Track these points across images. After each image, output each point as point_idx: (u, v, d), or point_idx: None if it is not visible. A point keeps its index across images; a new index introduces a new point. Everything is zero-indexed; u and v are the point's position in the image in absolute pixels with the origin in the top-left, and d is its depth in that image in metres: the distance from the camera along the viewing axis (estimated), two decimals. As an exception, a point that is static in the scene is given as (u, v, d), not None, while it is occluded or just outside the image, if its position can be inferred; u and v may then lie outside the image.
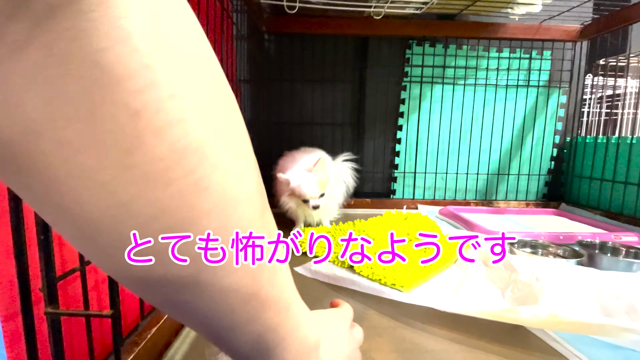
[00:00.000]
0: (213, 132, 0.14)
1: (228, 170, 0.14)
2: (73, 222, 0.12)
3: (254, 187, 0.16)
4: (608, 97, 1.24)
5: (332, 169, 0.88)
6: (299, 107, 1.26)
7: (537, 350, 0.42)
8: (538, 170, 1.31)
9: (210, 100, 0.14)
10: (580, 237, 0.82)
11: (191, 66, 0.13)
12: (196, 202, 0.13)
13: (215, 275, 0.15)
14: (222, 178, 0.14)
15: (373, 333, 0.45)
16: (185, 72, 0.13)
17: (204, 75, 0.14)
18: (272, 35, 1.22)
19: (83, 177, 0.11)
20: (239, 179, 0.15)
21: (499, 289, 0.55)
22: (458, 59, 1.24)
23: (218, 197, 0.14)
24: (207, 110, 0.14)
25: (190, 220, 0.13)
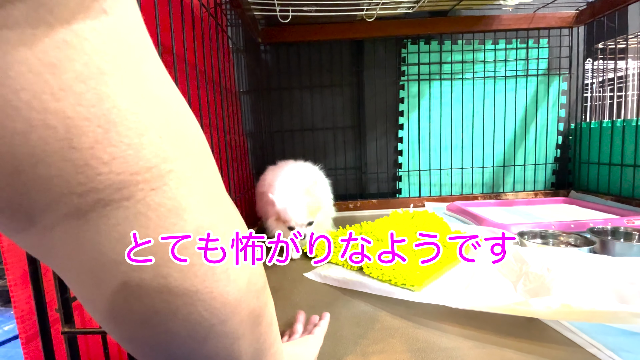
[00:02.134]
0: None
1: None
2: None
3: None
4: (610, 81, 1.23)
5: (325, 193, 0.79)
6: (299, 113, 1.28)
7: (553, 342, 0.42)
8: (544, 159, 1.29)
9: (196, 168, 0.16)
10: (592, 224, 0.81)
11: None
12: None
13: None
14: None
15: (385, 334, 0.45)
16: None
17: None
18: (268, 46, 1.24)
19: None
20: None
21: (511, 282, 0.55)
22: (454, 54, 1.24)
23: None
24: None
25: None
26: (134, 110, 0.13)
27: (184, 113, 0.16)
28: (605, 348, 0.39)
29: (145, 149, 0.13)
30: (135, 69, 0.13)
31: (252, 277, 0.18)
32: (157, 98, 0.14)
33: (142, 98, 0.13)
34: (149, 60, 0.14)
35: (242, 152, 0.97)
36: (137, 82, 0.13)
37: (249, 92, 1.13)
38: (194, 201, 0.15)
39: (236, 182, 0.84)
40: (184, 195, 0.14)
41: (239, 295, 0.17)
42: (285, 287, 0.61)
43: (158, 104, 0.14)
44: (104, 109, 0.12)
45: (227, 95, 0.81)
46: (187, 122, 0.16)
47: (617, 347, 0.39)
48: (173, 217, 0.14)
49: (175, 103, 0.15)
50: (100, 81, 0.12)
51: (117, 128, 0.12)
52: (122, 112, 0.12)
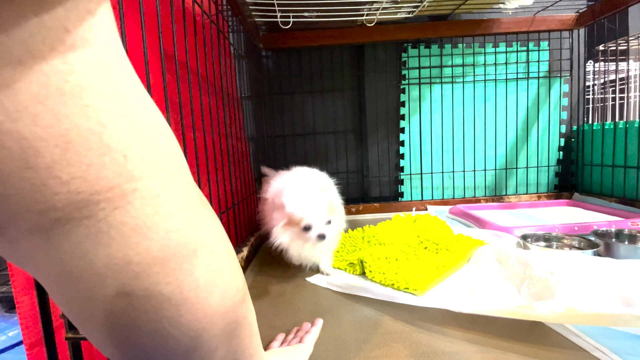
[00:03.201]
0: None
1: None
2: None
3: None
4: (612, 82, 1.23)
5: (337, 198, 0.69)
6: (300, 118, 1.28)
7: (557, 346, 0.41)
8: (547, 161, 1.29)
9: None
10: (596, 226, 0.80)
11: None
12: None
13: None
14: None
15: (389, 339, 0.45)
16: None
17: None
18: (269, 51, 1.25)
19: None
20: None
21: (514, 286, 0.54)
22: (454, 58, 1.24)
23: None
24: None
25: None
26: (96, 130, 0.13)
27: (158, 129, 0.15)
28: (610, 352, 0.39)
29: (107, 169, 0.13)
30: (102, 89, 0.13)
31: (227, 293, 0.18)
32: (127, 117, 0.14)
33: (107, 118, 0.13)
34: (121, 80, 0.14)
35: (244, 157, 0.97)
36: (102, 102, 0.13)
37: (251, 97, 1.13)
38: (160, 219, 0.15)
39: (238, 188, 0.85)
40: (149, 214, 0.14)
41: (211, 311, 0.17)
42: (288, 292, 0.61)
43: (127, 123, 0.14)
44: (62, 129, 0.12)
45: (229, 101, 0.81)
46: (160, 138, 0.15)
47: (622, 351, 0.39)
48: (136, 236, 0.14)
49: (149, 121, 0.15)
50: (59, 102, 0.12)
51: (77, 148, 0.12)
52: (82, 132, 0.12)
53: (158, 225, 0.15)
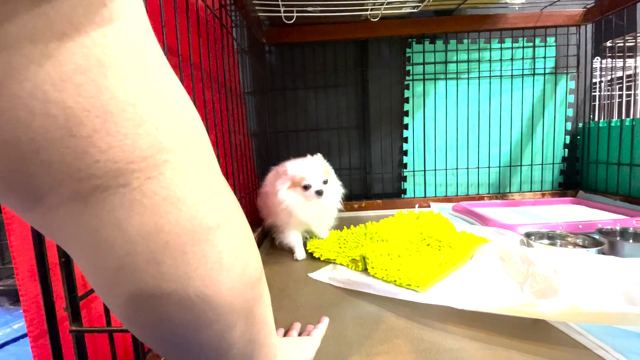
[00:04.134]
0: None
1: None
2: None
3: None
4: (619, 79, 1.21)
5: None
6: (303, 114, 1.28)
7: (560, 344, 0.41)
8: (552, 159, 1.28)
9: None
10: (600, 224, 0.80)
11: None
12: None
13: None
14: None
15: (390, 335, 0.45)
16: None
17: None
18: (272, 47, 1.24)
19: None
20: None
21: (517, 283, 0.54)
22: (459, 54, 1.23)
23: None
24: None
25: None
26: (131, 102, 0.13)
27: (185, 107, 0.16)
28: (613, 350, 0.39)
29: (141, 139, 0.13)
30: (136, 64, 0.14)
31: (247, 269, 0.18)
32: (158, 92, 0.14)
33: (140, 91, 0.14)
34: (151, 56, 0.14)
35: (247, 153, 0.97)
36: (136, 76, 0.13)
37: (254, 92, 1.13)
38: (188, 191, 0.15)
39: (241, 183, 0.85)
40: (179, 185, 0.15)
41: (232, 285, 0.17)
42: (290, 288, 0.62)
43: (158, 97, 0.14)
44: (102, 100, 0.12)
45: (232, 96, 0.81)
46: (187, 115, 0.16)
47: (625, 349, 0.39)
48: (167, 205, 0.15)
49: (177, 97, 0.16)
50: (99, 73, 0.12)
51: (115, 119, 0.13)
52: (120, 104, 0.13)
53: (186, 197, 0.15)
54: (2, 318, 0.79)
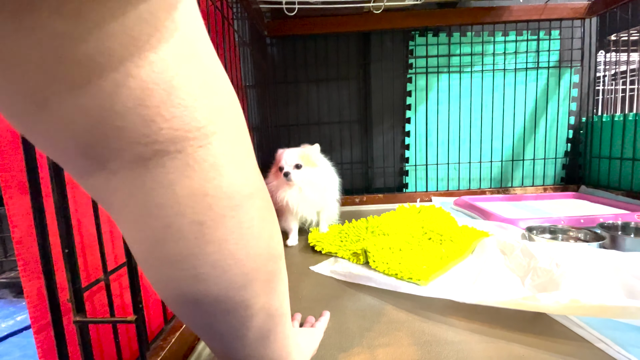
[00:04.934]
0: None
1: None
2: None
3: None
4: (622, 73, 1.20)
5: (323, 161, 0.88)
6: (305, 107, 1.27)
7: (561, 337, 0.41)
8: (554, 153, 1.27)
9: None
10: (602, 219, 0.80)
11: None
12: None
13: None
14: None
15: (391, 328, 0.45)
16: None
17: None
18: (274, 39, 1.23)
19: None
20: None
21: (519, 277, 0.54)
22: (463, 47, 1.22)
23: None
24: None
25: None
26: (191, 78, 0.15)
27: (227, 87, 0.19)
28: (613, 343, 0.39)
29: (197, 112, 0.16)
30: (193, 45, 0.16)
31: (271, 241, 0.20)
32: (210, 72, 0.17)
33: (197, 70, 0.16)
34: (203, 41, 0.17)
35: (249, 146, 0.97)
36: (193, 56, 0.16)
37: (255, 85, 1.12)
38: (229, 161, 0.17)
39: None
40: (222, 154, 0.17)
41: (259, 252, 0.19)
42: (292, 281, 0.62)
43: (210, 77, 0.17)
44: (169, 76, 0.14)
45: (234, 89, 0.81)
46: (230, 95, 0.19)
47: (626, 343, 0.39)
48: (212, 171, 0.17)
49: (222, 78, 0.18)
50: (168, 53, 0.14)
51: (177, 92, 0.15)
52: (182, 80, 0.15)
53: (228, 165, 0.17)
54: (6, 310, 0.80)
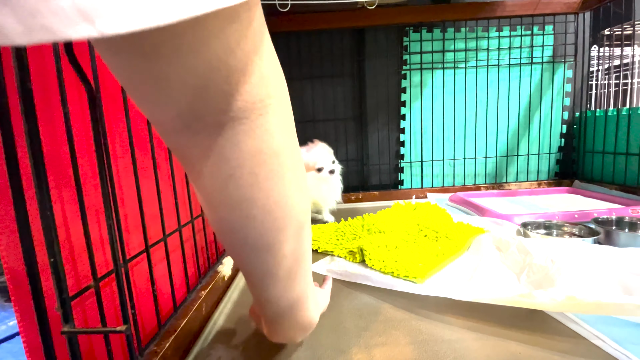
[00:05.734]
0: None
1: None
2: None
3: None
4: (616, 68, 1.21)
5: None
6: (299, 105, 1.26)
7: (557, 334, 0.41)
8: (548, 148, 1.28)
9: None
10: (596, 214, 0.80)
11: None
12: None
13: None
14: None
15: (388, 326, 0.45)
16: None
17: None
18: (267, 36, 1.22)
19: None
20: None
21: (514, 274, 0.54)
22: (457, 42, 1.21)
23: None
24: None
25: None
26: (258, 63, 0.19)
27: (279, 68, 0.23)
28: (610, 340, 0.39)
29: (260, 89, 0.20)
30: (261, 36, 0.20)
31: (302, 197, 0.25)
32: (270, 56, 0.21)
33: (263, 55, 0.20)
34: (265, 29, 0.21)
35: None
36: (260, 44, 0.20)
37: (249, 83, 1.11)
38: (278, 128, 0.22)
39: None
40: (274, 122, 0.22)
41: (294, 203, 0.24)
42: (288, 280, 0.61)
43: (270, 60, 0.21)
44: (243, 63, 0.19)
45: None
46: (281, 74, 0.23)
47: (622, 339, 0.39)
48: (267, 135, 0.21)
49: (275, 59, 0.22)
50: (245, 43, 0.18)
51: (248, 73, 0.19)
52: (251, 65, 0.19)
53: (277, 132, 0.22)
54: (-2, 314, 0.78)
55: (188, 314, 0.42)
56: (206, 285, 0.51)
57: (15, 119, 0.23)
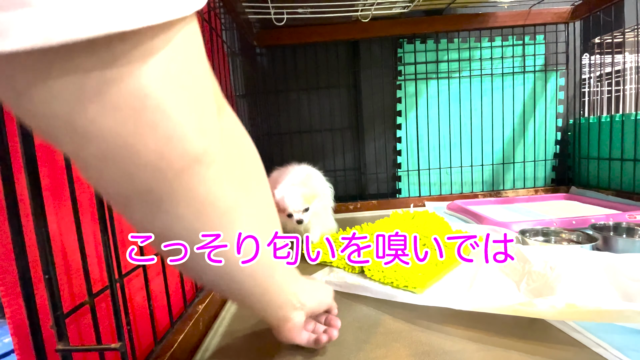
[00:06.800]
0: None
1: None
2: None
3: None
4: (607, 75, 1.23)
5: (321, 184, 0.87)
6: (296, 116, 1.27)
7: (558, 342, 0.41)
8: (544, 155, 1.29)
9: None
10: (593, 220, 0.80)
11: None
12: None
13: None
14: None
15: (389, 339, 0.44)
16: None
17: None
18: (263, 49, 1.24)
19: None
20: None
21: (514, 282, 0.54)
22: (450, 53, 1.23)
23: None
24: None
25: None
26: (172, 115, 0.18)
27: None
28: (611, 347, 0.39)
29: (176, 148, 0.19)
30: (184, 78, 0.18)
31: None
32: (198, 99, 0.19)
33: (176, 95, 0.18)
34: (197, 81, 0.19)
35: (240, 156, 0.96)
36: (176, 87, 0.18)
37: (246, 95, 1.12)
38: (220, 189, 0.21)
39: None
40: (214, 183, 0.21)
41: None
42: (286, 292, 0.61)
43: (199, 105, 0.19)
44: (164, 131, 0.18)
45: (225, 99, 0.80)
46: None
47: (623, 346, 0.39)
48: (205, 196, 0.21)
49: (210, 109, 0.21)
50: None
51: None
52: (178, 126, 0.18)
53: (222, 195, 0.23)
54: (-8, 331, 0.77)
55: (185, 329, 0.42)
56: (203, 299, 0.50)
57: (10, 131, 0.24)
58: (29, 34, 0.13)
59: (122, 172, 0.17)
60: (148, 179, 0.18)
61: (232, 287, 0.28)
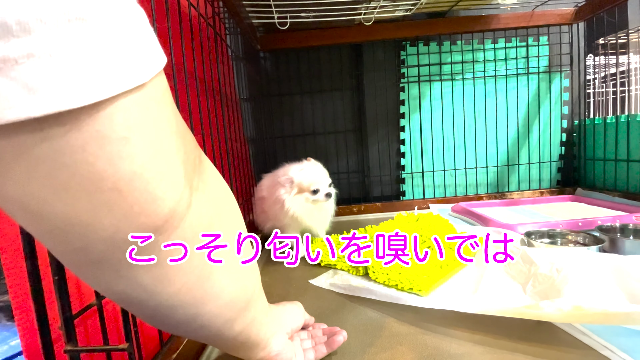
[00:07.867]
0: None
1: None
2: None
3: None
4: (612, 76, 1.22)
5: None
6: (300, 119, 1.28)
7: (565, 345, 0.41)
8: (549, 157, 1.28)
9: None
10: (600, 221, 0.79)
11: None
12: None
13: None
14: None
15: (394, 342, 0.44)
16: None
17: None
18: (267, 53, 1.25)
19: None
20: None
21: (520, 284, 0.54)
22: (454, 55, 1.23)
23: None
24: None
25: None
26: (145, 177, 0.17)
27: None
28: (619, 350, 0.38)
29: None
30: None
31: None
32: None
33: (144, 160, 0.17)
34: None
35: (244, 159, 0.97)
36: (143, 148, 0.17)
37: (250, 99, 1.13)
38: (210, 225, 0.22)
39: (238, 190, 0.84)
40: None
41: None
42: (291, 295, 0.61)
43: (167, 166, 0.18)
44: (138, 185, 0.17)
45: (228, 103, 0.81)
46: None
47: (631, 349, 0.38)
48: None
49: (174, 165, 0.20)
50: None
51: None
52: (150, 184, 0.17)
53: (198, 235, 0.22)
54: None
55: (191, 331, 0.42)
56: (209, 301, 0.51)
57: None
58: None
59: (76, 246, 0.17)
60: (103, 251, 0.17)
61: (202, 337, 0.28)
